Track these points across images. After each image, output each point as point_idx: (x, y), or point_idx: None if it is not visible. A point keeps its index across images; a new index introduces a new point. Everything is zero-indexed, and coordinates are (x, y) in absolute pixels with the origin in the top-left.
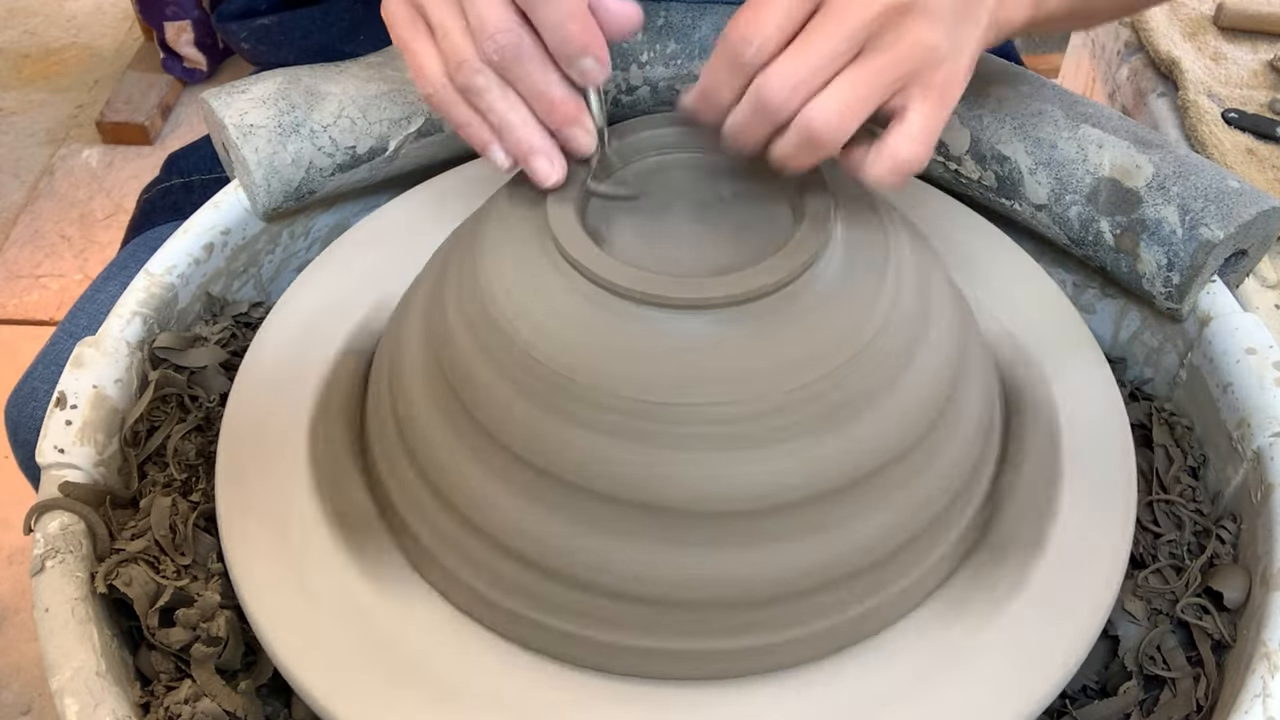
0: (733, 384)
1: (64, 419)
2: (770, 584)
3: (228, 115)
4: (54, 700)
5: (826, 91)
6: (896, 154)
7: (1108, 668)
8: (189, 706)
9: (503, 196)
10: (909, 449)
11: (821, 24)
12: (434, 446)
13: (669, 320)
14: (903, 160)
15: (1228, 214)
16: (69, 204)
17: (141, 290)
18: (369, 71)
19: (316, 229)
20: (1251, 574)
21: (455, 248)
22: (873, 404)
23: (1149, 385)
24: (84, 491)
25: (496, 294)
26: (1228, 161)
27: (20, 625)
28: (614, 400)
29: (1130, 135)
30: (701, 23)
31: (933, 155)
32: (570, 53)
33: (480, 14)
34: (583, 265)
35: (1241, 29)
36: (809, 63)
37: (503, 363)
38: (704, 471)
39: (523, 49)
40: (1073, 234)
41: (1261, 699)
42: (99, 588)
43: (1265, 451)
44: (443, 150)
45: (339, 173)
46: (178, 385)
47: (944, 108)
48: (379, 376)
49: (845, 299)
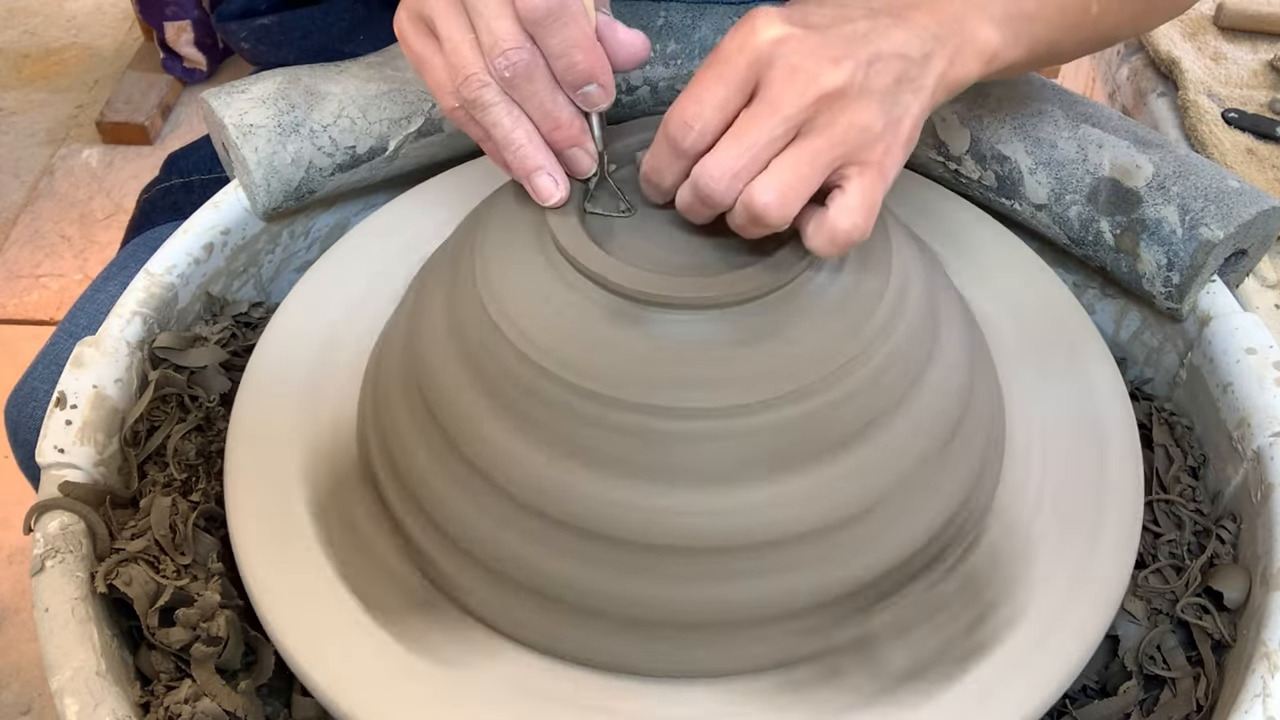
0: (733, 384)
1: (64, 419)
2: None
3: (227, 115)
4: (54, 700)
5: (767, 173)
6: (836, 226)
7: (1108, 667)
8: (189, 706)
9: (502, 195)
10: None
11: (758, 110)
12: (417, 462)
13: (669, 320)
14: (842, 231)
15: (1228, 214)
16: (69, 204)
17: (141, 290)
18: (369, 71)
19: (316, 229)
20: (1251, 574)
21: (456, 247)
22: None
23: (1149, 385)
24: (84, 491)
25: (495, 293)
26: (1228, 161)
27: (20, 625)
28: (614, 407)
29: (1130, 135)
30: (701, 23)
31: (933, 155)
32: (575, 80)
33: (492, 29)
34: (582, 265)
35: (1241, 29)
36: (747, 149)
37: (499, 369)
38: (711, 471)
39: (534, 67)
40: (1073, 234)
41: (1261, 699)
42: (99, 587)
43: (1265, 451)
44: (443, 150)
45: (339, 172)
46: (178, 385)
47: (883, 180)
48: (400, 373)
49: (846, 298)
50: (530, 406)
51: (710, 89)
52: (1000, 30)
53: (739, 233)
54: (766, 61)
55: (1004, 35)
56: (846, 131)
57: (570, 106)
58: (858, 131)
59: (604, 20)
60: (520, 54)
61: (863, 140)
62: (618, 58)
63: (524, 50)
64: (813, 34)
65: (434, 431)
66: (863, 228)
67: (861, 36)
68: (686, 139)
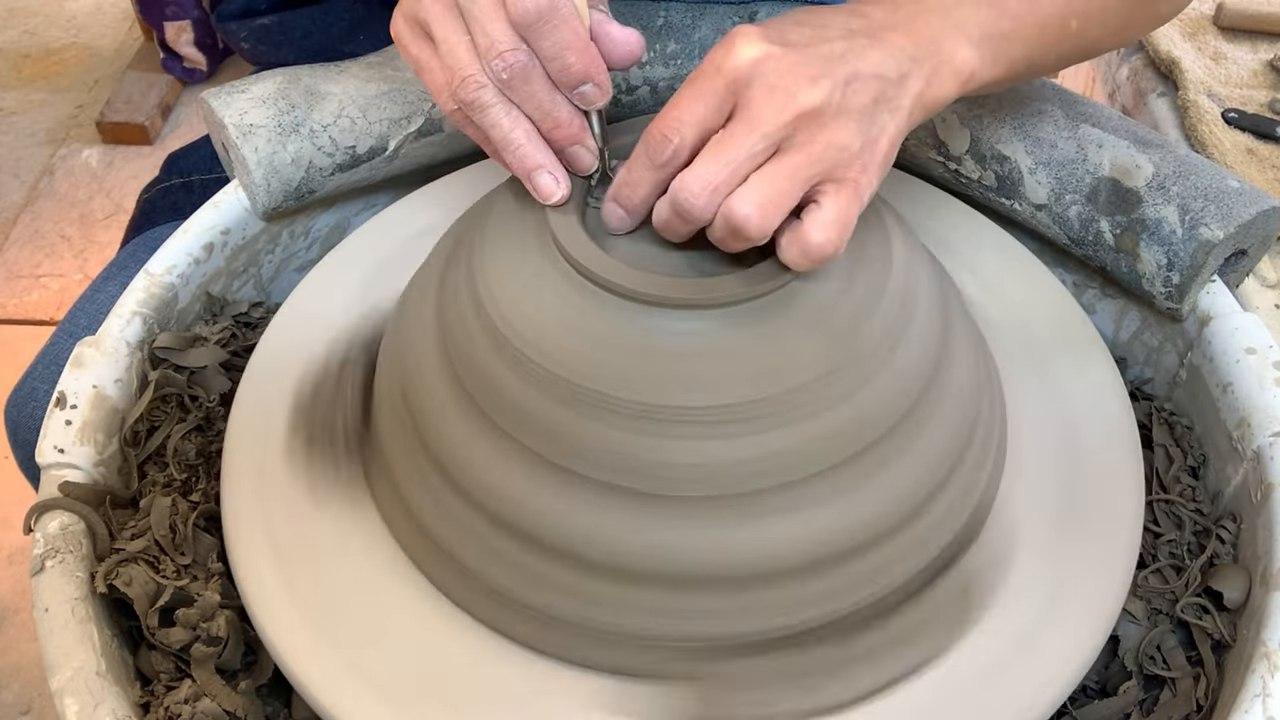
0: (734, 384)
1: (64, 419)
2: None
3: (227, 115)
4: (54, 700)
5: (746, 186)
6: (809, 240)
7: (1108, 668)
8: (189, 706)
9: (502, 194)
10: (896, 425)
11: (737, 127)
12: (446, 433)
13: (669, 320)
14: (815, 245)
15: (1227, 214)
16: (69, 204)
17: (141, 290)
18: (369, 71)
19: (316, 229)
20: (1251, 574)
21: (456, 247)
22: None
23: (1149, 385)
24: (84, 491)
25: (494, 293)
26: (1228, 161)
27: (20, 625)
28: (613, 403)
29: (1130, 135)
30: (701, 23)
31: (933, 156)
32: (570, 81)
33: (489, 32)
34: (582, 265)
35: (1241, 29)
36: (726, 164)
37: (496, 369)
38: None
39: (531, 68)
40: (1073, 234)
41: (1261, 699)
42: (99, 588)
43: (1265, 451)
44: (443, 150)
45: (339, 172)
46: (178, 385)
47: (858, 199)
48: (387, 374)
49: (845, 298)
50: (525, 406)
51: (689, 106)
52: (978, 50)
53: (719, 246)
54: (745, 80)
55: (981, 55)
56: (825, 149)
57: (568, 105)
58: (835, 150)
59: (598, 18)
60: (516, 55)
61: (840, 158)
62: (612, 56)
63: (520, 52)
64: (791, 53)
65: (422, 435)
66: (836, 243)
67: (839, 57)
68: (664, 153)
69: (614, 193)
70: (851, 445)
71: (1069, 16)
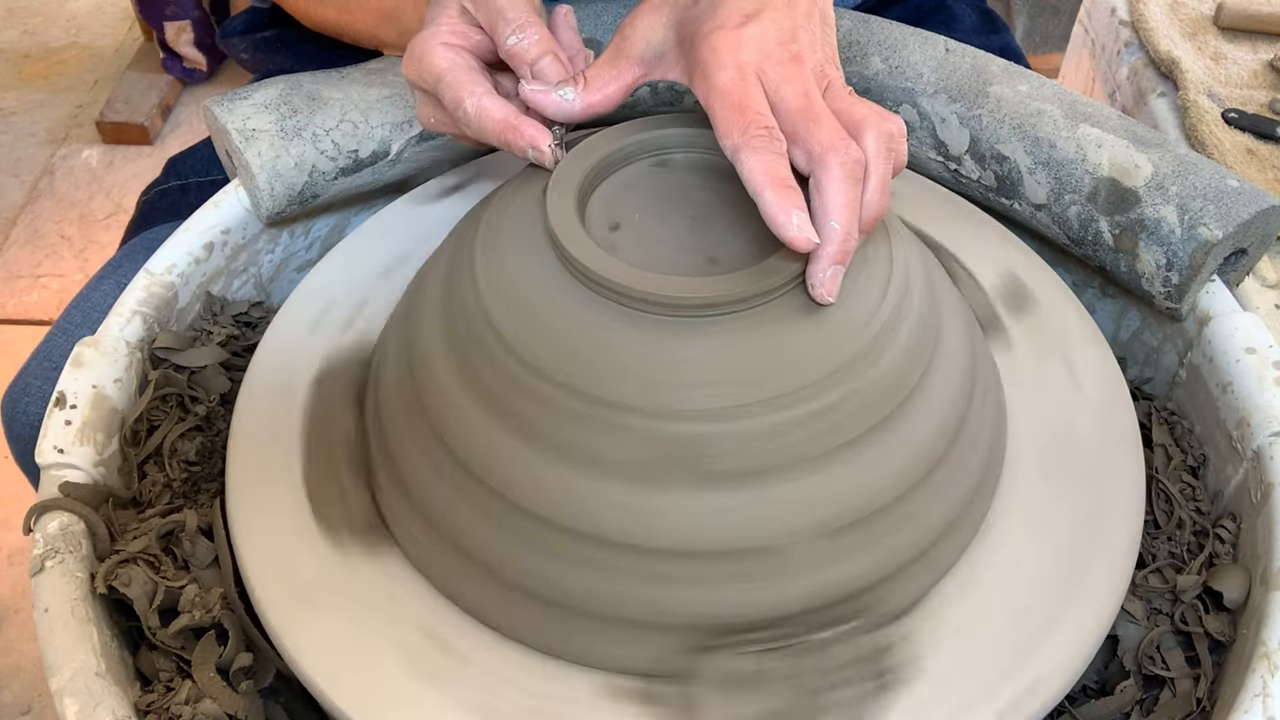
0: (734, 384)
1: (64, 419)
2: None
3: (230, 120)
4: (54, 700)
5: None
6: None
7: (1107, 667)
8: (189, 707)
9: (501, 195)
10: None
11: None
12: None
13: (670, 321)
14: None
15: (1227, 213)
16: (69, 204)
17: (141, 290)
18: (370, 76)
19: (317, 229)
20: (1251, 574)
21: (455, 247)
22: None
23: (1149, 385)
24: (84, 491)
25: (494, 293)
26: (1228, 161)
27: (20, 625)
28: (614, 408)
29: (1129, 135)
30: None
31: (932, 156)
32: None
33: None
34: (581, 264)
35: (1241, 29)
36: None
37: (493, 374)
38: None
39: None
40: (1072, 233)
41: (1261, 699)
42: (99, 588)
43: (1265, 451)
44: (445, 153)
45: (342, 176)
46: (178, 385)
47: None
48: (390, 373)
49: (847, 298)
50: (525, 407)
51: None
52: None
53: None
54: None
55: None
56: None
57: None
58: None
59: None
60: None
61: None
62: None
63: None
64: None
65: (429, 435)
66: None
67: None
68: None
69: (837, 254)
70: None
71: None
